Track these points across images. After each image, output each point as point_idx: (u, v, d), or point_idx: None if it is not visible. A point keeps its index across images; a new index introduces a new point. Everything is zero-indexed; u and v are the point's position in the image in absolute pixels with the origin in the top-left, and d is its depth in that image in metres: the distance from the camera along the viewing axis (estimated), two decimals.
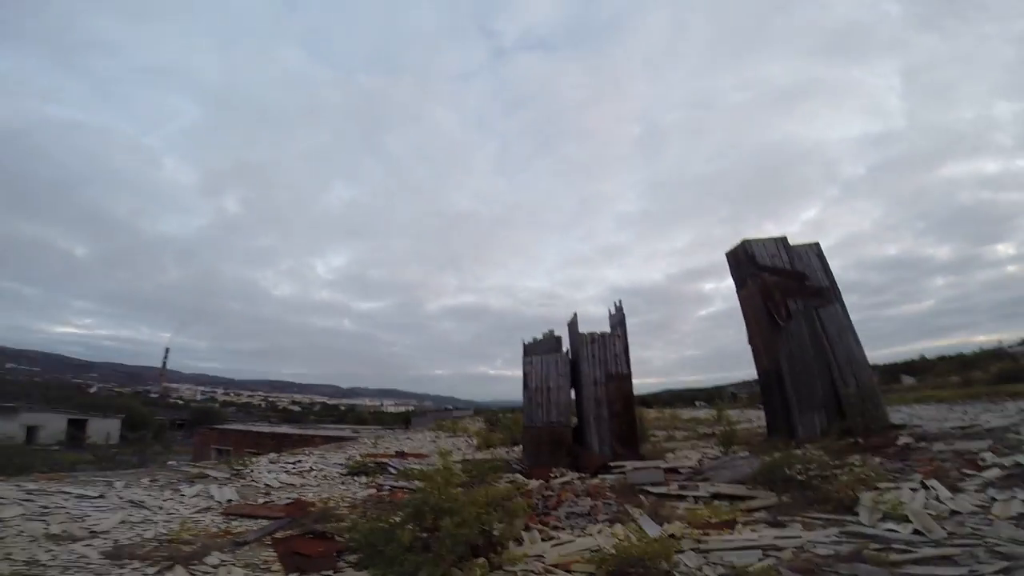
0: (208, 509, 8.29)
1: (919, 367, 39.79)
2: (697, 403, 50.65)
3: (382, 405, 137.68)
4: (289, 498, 9.14)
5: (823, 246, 16.62)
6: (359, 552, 5.23)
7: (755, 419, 23.10)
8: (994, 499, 5.75)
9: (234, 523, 7.41)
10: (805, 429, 13.75)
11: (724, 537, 5.77)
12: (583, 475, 10.74)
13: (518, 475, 10.98)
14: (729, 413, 25.07)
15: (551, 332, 14.23)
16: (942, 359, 40.10)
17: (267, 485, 10.63)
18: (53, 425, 38.95)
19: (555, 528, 6.75)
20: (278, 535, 6.48)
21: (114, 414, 47.04)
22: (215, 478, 10.98)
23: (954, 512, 5.54)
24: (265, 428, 35.29)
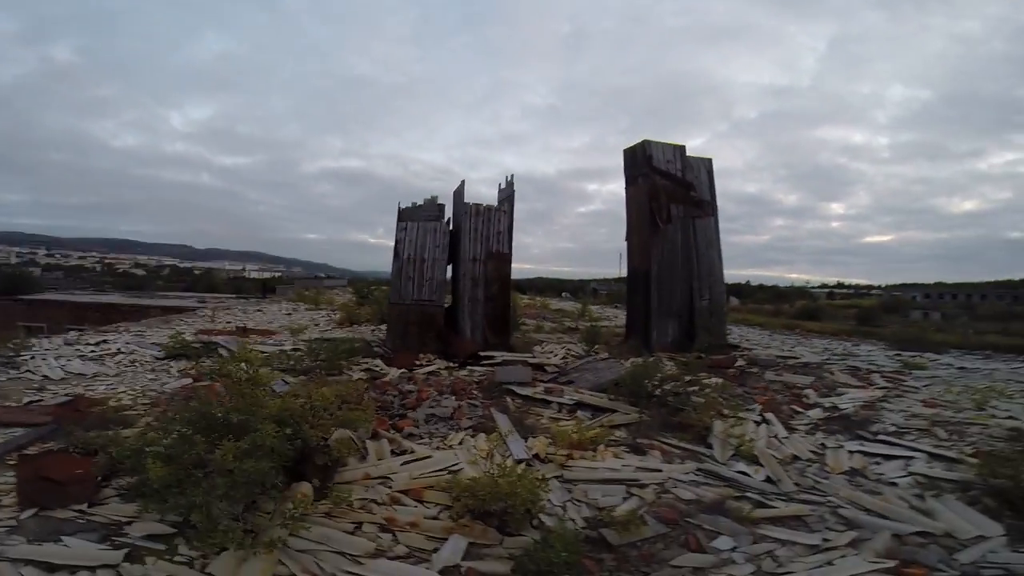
0: None
1: (744, 291, 46.37)
2: (564, 294, 53.75)
3: (244, 270, 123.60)
4: (68, 395, 7.05)
5: None
6: (134, 474, 3.88)
7: (614, 317, 24.81)
8: (824, 446, 6.18)
9: None
10: (659, 336, 14.68)
11: (588, 464, 5.48)
12: (452, 364, 10.13)
13: (378, 361, 9.99)
14: (592, 308, 26.67)
15: (434, 198, 12.54)
16: (761, 287, 47.13)
17: (45, 377, 8.21)
18: None
19: (410, 436, 5.98)
20: (30, 451, 4.76)
21: None
22: None
23: (795, 457, 5.82)
24: (87, 297, 29.05)
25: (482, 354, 10.81)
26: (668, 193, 15.49)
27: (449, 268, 12.24)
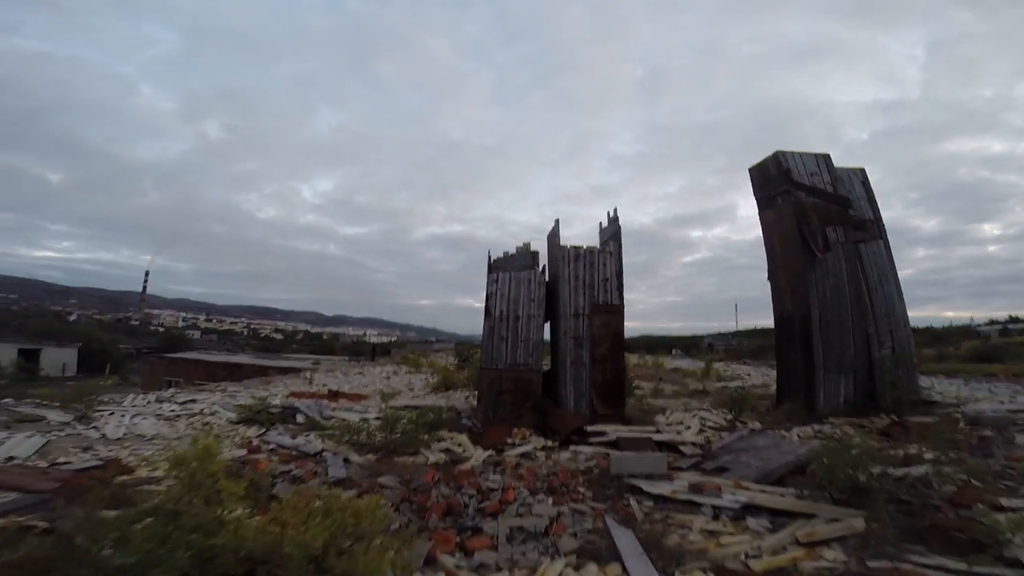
0: None
1: None
2: (675, 351, 49.34)
3: (365, 334, 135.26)
4: (102, 459, 6.17)
5: None
6: None
7: (747, 376, 20.88)
8: None
9: None
10: (828, 397, 11.13)
11: None
12: (551, 442, 7.96)
13: (464, 436, 8.16)
14: (716, 366, 22.83)
15: (527, 245, 10.97)
16: (915, 331, 39.12)
17: (103, 436, 7.68)
18: (2, 355, 34.87)
19: (481, 569, 3.86)
20: None
21: (70, 343, 42.77)
22: (49, 422, 8.00)
23: None
24: (219, 357, 32.33)
25: (589, 429, 8.49)
26: (820, 213, 12.40)
27: (547, 326, 10.31)
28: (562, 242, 10.25)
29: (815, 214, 12.31)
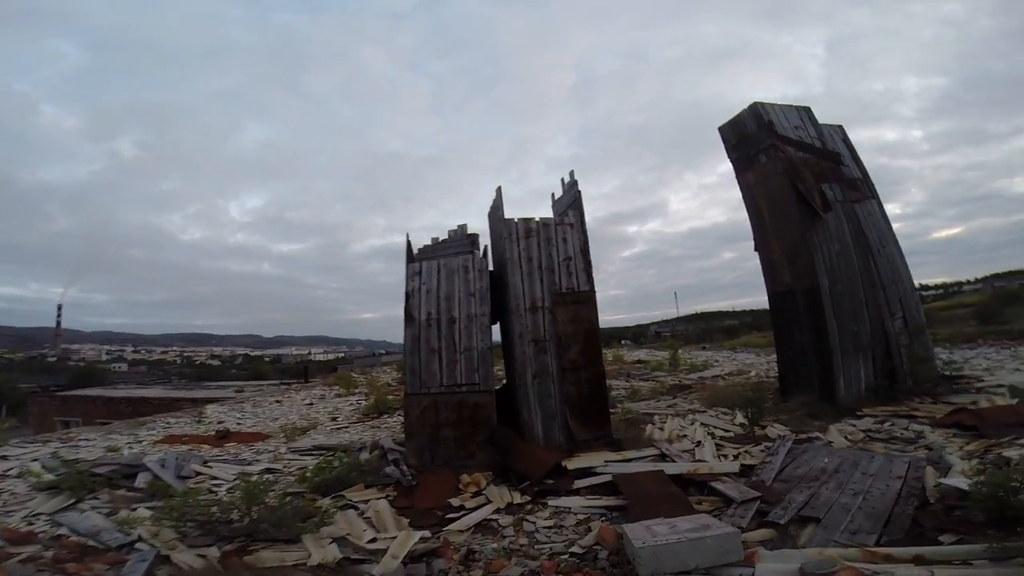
0: None
1: None
2: (624, 342, 48.41)
3: (310, 354, 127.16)
4: None
5: (737, 196, 11.46)
6: None
7: (714, 362, 18.95)
8: None
9: None
10: (849, 384, 8.99)
11: None
12: (517, 494, 5.29)
13: (382, 499, 5.34)
14: (680, 354, 20.76)
15: (463, 227, 8.20)
16: None
17: None
18: None
19: None
20: None
21: None
22: None
23: None
24: (123, 392, 28.29)
25: (570, 467, 5.87)
26: (812, 169, 10.31)
27: (496, 328, 7.59)
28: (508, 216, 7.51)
29: (807, 170, 10.23)
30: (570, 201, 7.86)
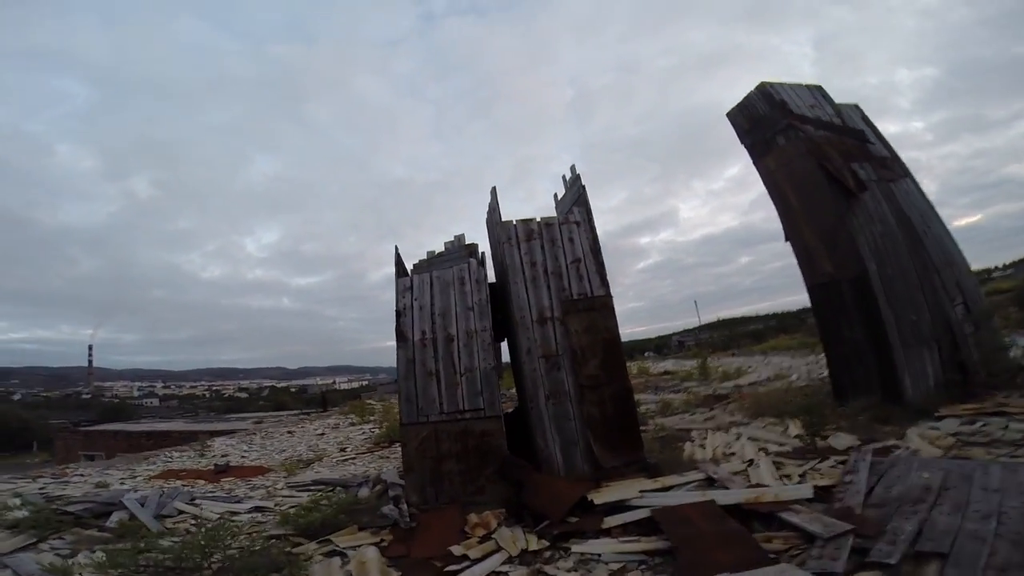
0: None
1: None
2: (646, 354, 47.04)
3: (334, 383, 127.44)
4: None
5: (748, 200, 10.77)
6: None
7: (748, 368, 17.51)
8: None
9: None
10: (916, 381, 7.76)
11: None
12: (535, 537, 4.31)
13: (373, 546, 4.42)
14: (709, 362, 19.36)
15: (460, 237, 7.40)
16: None
17: None
18: None
19: None
20: None
21: None
22: None
23: None
24: (144, 426, 28.77)
25: (597, 501, 4.85)
26: (837, 148, 9.31)
27: (502, 345, 6.68)
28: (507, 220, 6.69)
29: (832, 149, 9.23)
30: (574, 198, 7.00)
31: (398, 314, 6.14)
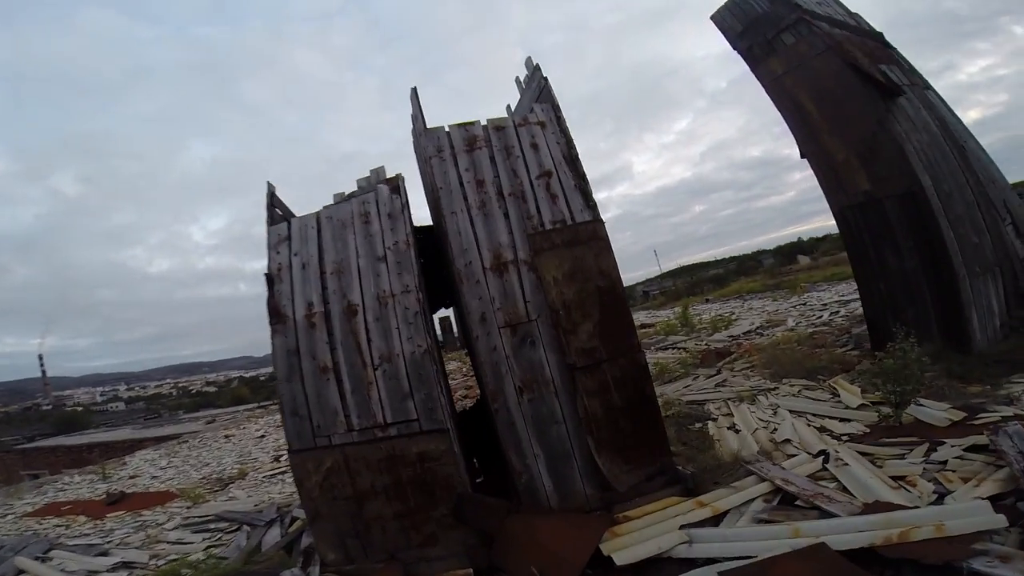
0: None
1: (807, 247, 38.93)
2: None
3: None
4: None
5: (698, 151, 9.58)
6: None
7: (734, 317, 15.65)
8: None
9: None
10: (983, 322, 5.94)
11: None
12: None
13: None
14: (691, 312, 17.31)
15: (378, 171, 4.91)
16: (820, 239, 39.50)
17: None
18: None
19: None
20: None
21: None
22: None
23: None
24: (87, 438, 26.60)
25: (618, 558, 2.65)
26: (861, 49, 7.22)
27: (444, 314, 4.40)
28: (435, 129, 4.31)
29: (856, 49, 7.13)
30: (537, 91, 4.65)
31: (269, 280, 3.73)
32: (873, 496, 2.98)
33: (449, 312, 5.05)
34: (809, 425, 4.63)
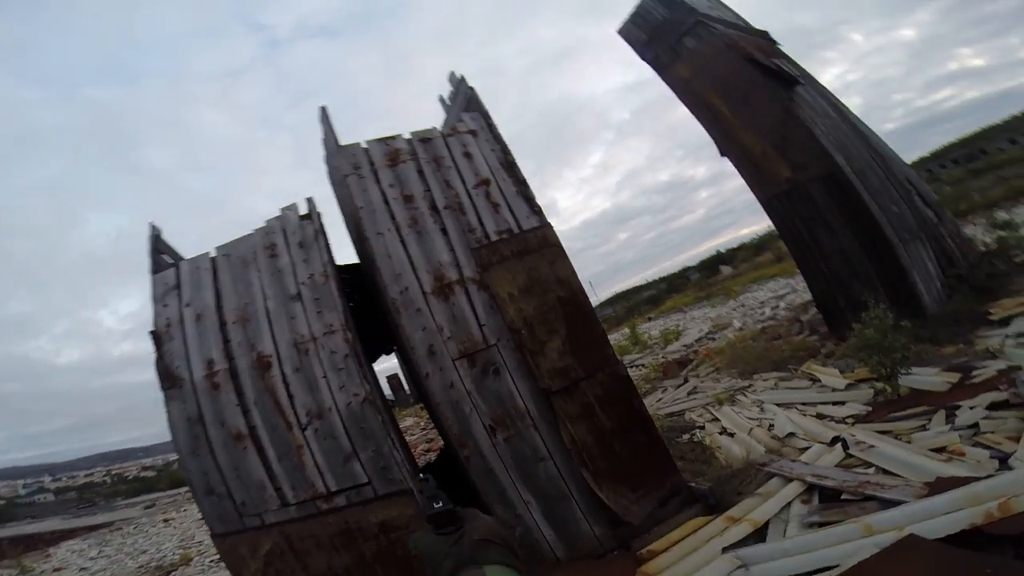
0: None
1: (728, 257, 41.75)
2: None
3: None
4: None
5: (614, 181, 10.33)
6: None
7: (681, 328, 15.81)
8: None
9: None
10: (928, 285, 6.05)
11: None
12: None
13: None
14: (639, 330, 17.46)
15: (291, 209, 4.24)
16: (736, 249, 42.60)
17: None
18: None
19: None
20: None
21: None
22: None
23: None
24: (8, 531, 23.65)
25: None
26: (753, 46, 7.61)
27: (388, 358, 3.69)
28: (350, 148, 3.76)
29: (754, 48, 7.51)
30: (463, 105, 4.26)
31: (156, 338, 2.91)
32: (927, 474, 2.59)
33: (394, 361, 4.34)
34: (804, 414, 4.29)
